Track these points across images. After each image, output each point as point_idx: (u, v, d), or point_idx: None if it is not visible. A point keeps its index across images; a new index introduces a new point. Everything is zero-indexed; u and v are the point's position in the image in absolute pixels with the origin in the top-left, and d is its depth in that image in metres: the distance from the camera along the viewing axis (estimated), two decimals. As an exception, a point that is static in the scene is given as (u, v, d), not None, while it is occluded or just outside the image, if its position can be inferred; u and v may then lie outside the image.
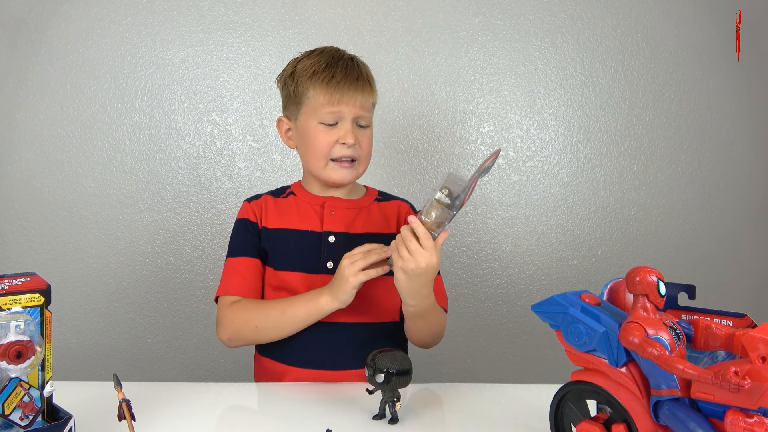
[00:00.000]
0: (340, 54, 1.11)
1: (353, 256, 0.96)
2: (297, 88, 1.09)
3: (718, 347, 0.61)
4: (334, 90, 1.05)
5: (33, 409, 0.68)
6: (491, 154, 0.93)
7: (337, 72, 1.06)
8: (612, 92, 1.75)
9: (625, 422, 0.61)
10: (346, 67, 1.08)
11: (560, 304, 0.66)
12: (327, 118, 1.06)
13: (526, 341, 1.72)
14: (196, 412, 0.84)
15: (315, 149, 1.08)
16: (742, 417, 0.52)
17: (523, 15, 1.71)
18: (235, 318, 1.04)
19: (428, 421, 0.83)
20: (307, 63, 1.09)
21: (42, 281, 0.70)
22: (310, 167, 1.11)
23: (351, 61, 1.11)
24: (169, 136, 1.65)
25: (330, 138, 1.06)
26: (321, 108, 1.06)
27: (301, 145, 1.11)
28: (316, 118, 1.06)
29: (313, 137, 1.07)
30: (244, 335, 1.04)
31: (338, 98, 1.05)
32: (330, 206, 1.11)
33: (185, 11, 1.64)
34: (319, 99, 1.06)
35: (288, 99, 1.12)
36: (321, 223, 1.10)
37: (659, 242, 1.77)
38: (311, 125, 1.07)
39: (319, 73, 1.06)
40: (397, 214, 1.16)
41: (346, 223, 1.11)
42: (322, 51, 1.11)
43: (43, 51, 1.60)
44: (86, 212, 1.62)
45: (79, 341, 1.64)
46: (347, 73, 1.07)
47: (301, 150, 1.13)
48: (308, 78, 1.07)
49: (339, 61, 1.09)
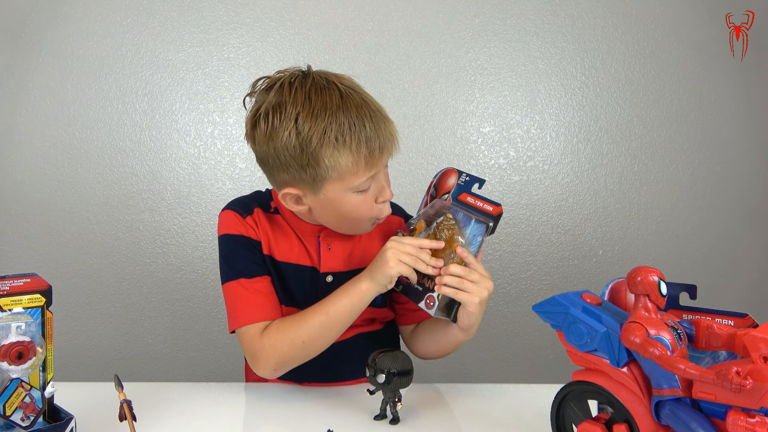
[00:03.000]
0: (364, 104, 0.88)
1: (403, 245, 0.88)
2: (312, 159, 0.86)
3: (719, 347, 0.61)
4: (369, 157, 0.87)
5: (34, 410, 0.68)
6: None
7: (371, 137, 0.87)
8: (613, 92, 1.75)
9: (627, 422, 0.61)
10: (373, 123, 0.88)
11: (561, 304, 0.66)
12: (364, 186, 0.89)
13: (528, 341, 1.72)
14: (197, 413, 0.84)
15: (356, 217, 0.92)
16: (744, 417, 0.52)
17: (524, 15, 1.71)
18: (276, 344, 0.88)
19: (429, 422, 0.83)
20: (320, 125, 0.85)
21: (43, 282, 0.70)
22: (339, 228, 0.96)
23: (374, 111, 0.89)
24: (169, 137, 1.65)
25: (370, 203, 0.91)
26: (354, 178, 0.87)
27: (327, 212, 0.93)
28: (350, 188, 0.88)
29: (350, 207, 0.90)
30: (292, 357, 0.89)
31: (374, 163, 0.88)
32: (326, 239, 0.98)
33: (186, 12, 1.64)
34: (350, 168, 0.86)
35: (299, 171, 0.88)
36: (318, 259, 0.98)
37: (660, 242, 1.77)
38: (344, 196, 0.89)
39: (347, 141, 0.85)
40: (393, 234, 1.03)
41: (343, 258, 0.99)
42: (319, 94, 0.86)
43: (44, 52, 1.61)
44: (87, 213, 1.62)
45: (81, 342, 1.64)
46: (376, 131, 0.87)
47: (324, 215, 0.94)
48: (333, 148, 0.85)
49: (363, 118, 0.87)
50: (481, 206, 0.90)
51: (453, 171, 0.96)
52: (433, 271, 0.87)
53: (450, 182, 0.95)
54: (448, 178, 0.96)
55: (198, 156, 1.66)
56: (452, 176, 0.95)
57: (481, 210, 0.90)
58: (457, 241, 0.88)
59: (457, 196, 0.93)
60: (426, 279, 0.91)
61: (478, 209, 0.90)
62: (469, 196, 0.92)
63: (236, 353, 1.67)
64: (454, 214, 0.91)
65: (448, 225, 0.91)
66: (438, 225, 0.92)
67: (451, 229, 0.90)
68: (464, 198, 0.92)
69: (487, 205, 0.90)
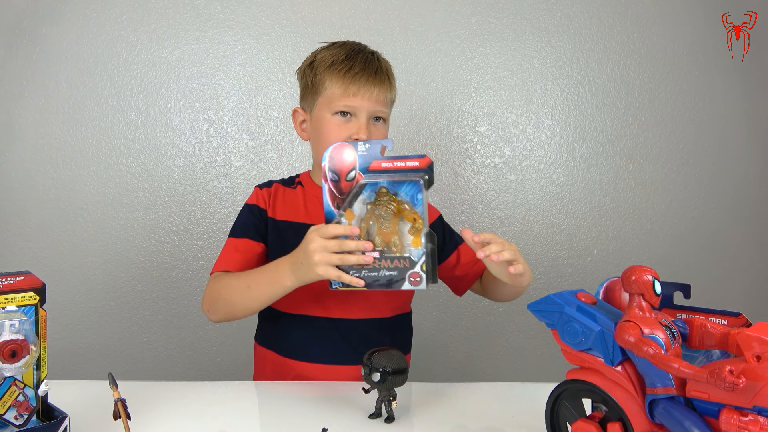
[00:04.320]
0: (361, 47, 1.09)
1: (327, 243, 0.84)
2: (315, 78, 1.06)
3: (713, 346, 0.61)
4: (351, 82, 1.02)
5: (28, 409, 0.68)
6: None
7: (356, 64, 1.04)
8: (608, 92, 1.75)
9: (621, 421, 0.61)
10: (366, 60, 1.06)
11: (556, 303, 0.66)
12: (341, 109, 1.04)
13: (522, 340, 1.72)
14: (192, 411, 0.84)
15: (328, 142, 1.02)
16: (737, 415, 0.52)
17: (520, 14, 1.72)
18: (211, 290, 1.00)
19: (424, 420, 0.83)
20: (327, 54, 1.07)
21: (37, 280, 0.70)
22: (321, 159, 1.09)
23: (372, 55, 1.09)
24: (164, 135, 1.64)
25: (343, 132, 1.03)
26: (337, 100, 1.03)
27: (314, 136, 1.09)
28: (331, 109, 1.04)
29: (326, 129, 1.05)
30: (217, 307, 0.99)
31: (354, 90, 1.02)
32: None
33: (181, 9, 1.63)
34: (335, 90, 1.03)
35: (305, 89, 1.10)
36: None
37: (655, 241, 1.78)
38: (326, 117, 1.05)
39: (338, 64, 1.04)
40: None
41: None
42: (344, 43, 1.09)
43: (38, 49, 1.60)
44: (81, 210, 1.62)
45: (75, 340, 1.63)
46: (366, 65, 1.05)
47: (313, 142, 1.11)
48: (326, 68, 1.05)
49: (359, 54, 1.07)
50: (404, 165, 0.83)
51: (344, 145, 0.86)
52: (366, 260, 0.83)
53: (348, 157, 0.85)
54: (343, 154, 0.86)
55: (193, 154, 1.65)
56: (346, 150, 0.86)
57: (406, 169, 0.83)
58: (406, 209, 0.82)
59: (368, 167, 0.85)
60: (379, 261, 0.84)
61: (402, 170, 0.83)
62: (383, 161, 0.84)
63: (232, 352, 1.67)
64: (379, 184, 0.82)
65: (385, 200, 0.82)
66: (373, 204, 0.83)
67: (393, 201, 0.82)
68: (378, 165, 0.84)
69: (411, 161, 0.83)
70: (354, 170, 0.85)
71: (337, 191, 0.86)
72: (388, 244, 0.83)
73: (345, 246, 0.83)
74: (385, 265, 0.84)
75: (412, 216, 0.82)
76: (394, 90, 1.11)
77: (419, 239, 0.82)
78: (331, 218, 0.86)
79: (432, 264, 0.84)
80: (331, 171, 0.86)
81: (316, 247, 0.84)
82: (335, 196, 0.86)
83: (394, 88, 1.11)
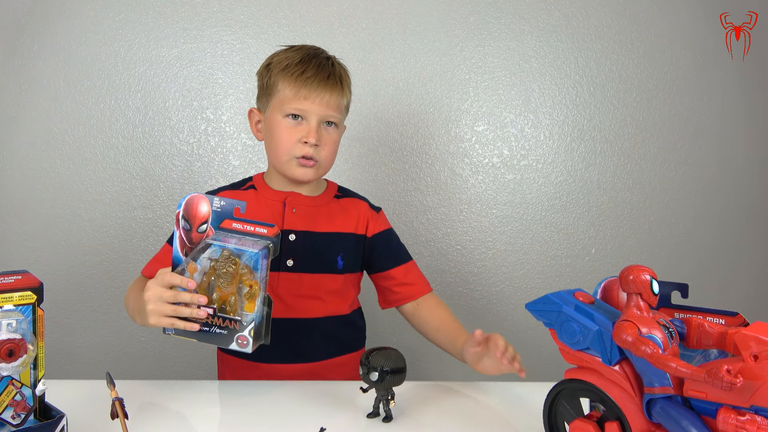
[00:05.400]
0: (317, 52, 1.11)
1: (163, 293, 0.84)
2: (270, 79, 1.08)
3: (710, 345, 0.62)
4: (302, 85, 1.04)
5: (25, 408, 0.68)
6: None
7: (309, 68, 1.06)
8: (606, 91, 1.75)
9: (618, 420, 0.61)
10: (319, 65, 1.07)
11: (554, 302, 0.66)
12: (291, 112, 1.06)
13: (520, 339, 1.72)
14: (189, 411, 0.84)
15: (278, 144, 1.07)
16: (735, 415, 0.52)
17: (518, 14, 1.72)
18: (126, 294, 1.06)
19: (422, 420, 0.83)
20: (283, 56, 1.09)
21: (34, 279, 0.69)
22: (273, 161, 1.11)
23: (327, 60, 1.10)
24: (162, 134, 1.64)
25: (294, 135, 1.06)
26: (288, 102, 1.05)
27: (267, 138, 1.11)
28: (282, 111, 1.06)
29: (277, 132, 1.07)
30: (130, 314, 1.02)
31: (305, 94, 1.04)
32: (291, 203, 1.11)
33: (179, 8, 1.63)
34: (286, 93, 1.05)
35: (261, 90, 1.12)
36: (282, 221, 1.10)
37: (652, 241, 1.78)
38: (277, 119, 1.07)
39: (291, 67, 1.06)
40: (356, 212, 1.17)
41: (306, 221, 1.11)
42: (301, 47, 1.11)
43: (35, 48, 1.59)
44: (79, 210, 1.62)
45: (72, 339, 1.63)
46: (318, 70, 1.06)
47: (266, 143, 1.12)
48: (280, 71, 1.07)
49: (314, 59, 1.08)
50: (253, 230, 0.86)
51: (201, 197, 0.87)
52: (196, 314, 0.84)
53: (202, 210, 0.87)
54: (198, 206, 0.87)
55: (191, 153, 1.65)
56: (202, 202, 0.87)
57: (254, 234, 0.86)
58: (245, 274, 0.84)
59: (219, 224, 0.86)
60: (212, 318, 0.85)
61: (250, 234, 0.86)
62: (234, 222, 0.87)
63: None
64: (224, 246, 0.84)
65: (227, 261, 0.84)
66: (216, 261, 0.84)
67: (234, 264, 0.84)
68: (229, 225, 0.87)
69: (260, 228, 0.86)
70: (206, 224, 0.87)
71: (188, 240, 0.87)
72: (225, 302, 0.85)
73: (180, 297, 0.84)
74: (217, 322, 0.86)
75: (249, 282, 0.84)
76: (348, 96, 1.12)
77: (253, 304, 0.85)
78: (177, 263, 0.87)
79: (266, 326, 0.87)
80: (185, 219, 0.87)
81: (151, 296, 0.85)
82: (185, 244, 0.87)
83: (348, 94, 1.12)
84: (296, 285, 1.09)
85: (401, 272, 1.16)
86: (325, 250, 1.11)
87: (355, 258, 1.15)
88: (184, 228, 0.87)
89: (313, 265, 1.10)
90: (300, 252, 1.09)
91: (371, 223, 1.17)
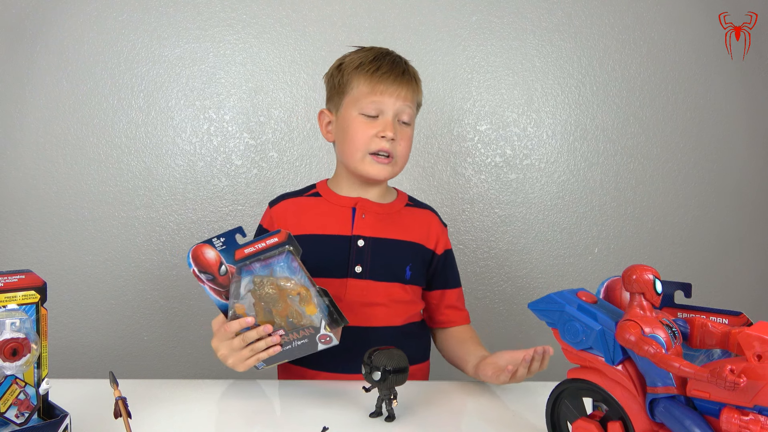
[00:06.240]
0: (389, 51, 1.12)
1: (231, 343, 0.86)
2: (342, 78, 1.08)
3: (713, 345, 0.61)
4: (378, 81, 1.04)
5: (29, 407, 0.68)
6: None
7: (383, 64, 1.06)
8: (609, 90, 1.75)
9: (621, 420, 0.61)
10: (393, 62, 1.08)
11: (557, 302, 0.66)
12: (368, 109, 1.04)
13: (523, 339, 1.72)
14: (192, 410, 0.84)
15: (354, 140, 1.05)
16: (738, 415, 0.52)
17: (521, 13, 1.71)
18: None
19: (424, 419, 0.83)
20: (355, 57, 1.09)
21: (38, 278, 0.70)
22: (346, 160, 1.08)
23: (399, 58, 1.11)
24: (165, 133, 1.64)
25: (370, 130, 1.04)
26: (363, 98, 1.04)
27: (340, 137, 1.09)
28: (358, 108, 1.05)
29: (353, 128, 1.05)
30: None
31: (382, 89, 1.04)
32: (361, 209, 1.09)
33: (182, 8, 1.63)
34: (362, 89, 1.05)
35: (332, 90, 1.11)
36: (351, 226, 1.07)
37: (656, 240, 1.78)
38: (352, 116, 1.06)
39: (365, 65, 1.06)
40: (427, 225, 1.14)
41: (376, 227, 1.08)
42: (371, 48, 1.12)
43: (39, 48, 1.60)
44: (82, 209, 1.62)
45: (75, 339, 1.63)
46: (393, 66, 1.06)
47: (339, 142, 1.10)
48: (354, 69, 1.07)
49: (386, 56, 1.09)
50: (266, 245, 0.86)
51: (201, 247, 0.87)
52: (271, 341, 0.85)
53: (210, 256, 0.87)
54: (205, 255, 0.87)
55: (194, 153, 1.65)
56: (206, 250, 0.87)
57: (268, 248, 0.86)
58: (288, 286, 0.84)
59: (234, 257, 0.86)
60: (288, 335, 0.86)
61: (265, 249, 0.86)
62: (245, 248, 0.86)
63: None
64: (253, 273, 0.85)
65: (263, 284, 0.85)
66: (252, 292, 0.85)
67: (271, 285, 0.85)
68: (243, 253, 0.87)
69: (270, 239, 0.86)
70: (223, 264, 0.87)
71: (219, 287, 0.88)
72: (289, 317, 0.86)
73: (248, 338, 0.85)
74: (294, 337, 0.86)
75: (296, 290, 0.85)
76: (420, 95, 1.12)
77: (312, 305, 0.85)
78: (225, 309, 0.88)
79: (336, 311, 0.86)
80: (203, 273, 0.87)
81: (225, 354, 0.88)
82: (219, 292, 0.88)
83: (420, 93, 1.12)
84: (364, 292, 1.06)
85: (455, 295, 1.16)
86: (394, 258, 1.08)
87: (422, 271, 1.12)
88: (208, 279, 0.87)
89: (382, 273, 1.07)
90: (368, 259, 1.06)
91: (441, 240, 1.15)
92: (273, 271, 0.84)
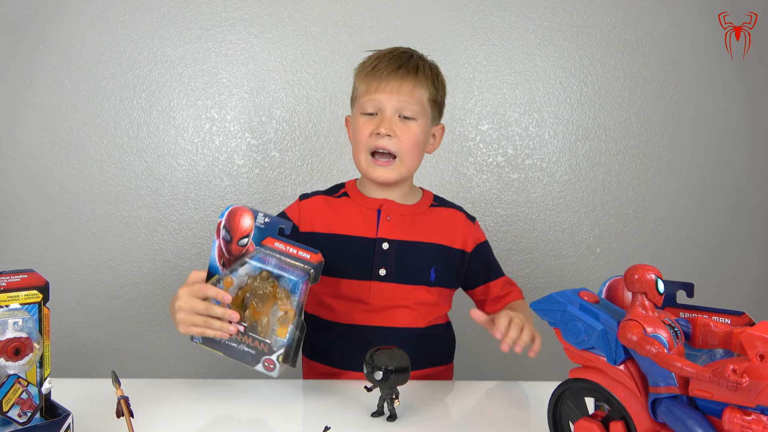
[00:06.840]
0: (397, 49, 1.09)
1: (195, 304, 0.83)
2: (353, 83, 1.10)
3: (716, 345, 0.61)
4: (373, 78, 1.03)
5: (31, 406, 0.68)
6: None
7: (381, 63, 1.05)
8: (611, 90, 1.75)
9: (623, 420, 0.61)
10: (392, 58, 1.05)
11: (559, 301, 0.66)
12: (367, 107, 1.04)
13: (525, 339, 1.72)
14: (195, 410, 0.84)
15: (356, 140, 1.06)
16: (740, 415, 0.52)
17: (522, 13, 1.71)
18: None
19: (426, 419, 0.83)
20: (365, 59, 1.10)
21: (40, 278, 0.70)
22: (356, 164, 1.09)
23: (403, 54, 1.07)
24: (167, 133, 1.64)
25: (367, 129, 1.03)
26: (362, 97, 1.05)
27: (353, 138, 1.10)
28: (359, 108, 1.06)
29: (356, 129, 1.06)
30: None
31: (375, 86, 1.03)
32: (386, 211, 1.08)
33: (184, 8, 1.63)
34: (361, 89, 1.06)
35: (351, 96, 1.13)
36: (376, 229, 1.07)
37: (658, 240, 1.77)
38: (356, 116, 1.07)
39: (366, 65, 1.07)
40: (452, 225, 1.13)
41: (401, 230, 1.07)
42: (386, 49, 1.11)
43: (41, 48, 1.60)
44: (84, 209, 1.62)
45: (78, 338, 1.63)
46: (390, 62, 1.04)
47: (352, 141, 1.11)
48: (357, 72, 1.09)
49: (388, 54, 1.07)
50: (296, 253, 0.83)
51: (244, 210, 0.85)
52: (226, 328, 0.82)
53: (245, 224, 0.85)
54: (241, 219, 0.84)
55: (196, 152, 1.65)
56: (246, 216, 0.84)
57: (297, 257, 0.83)
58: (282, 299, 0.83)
59: (261, 240, 0.84)
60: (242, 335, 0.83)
61: (293, 256, 0.84)
62: (277, 242, 0.84)
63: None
64: (264, 266, 0.83)
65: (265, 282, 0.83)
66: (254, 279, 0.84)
67: (272, 286, 0.83)
68: (271, 243, 0.84)
69: (303, 252, 0.83)
70: (248, 238, 0.85)
71: (227, 251, 0.85)
72: (257, 322, 0.84)
73: (212, 311, 0.83)
74: (247, 341, 0.85)
75: (285, 307, 0.83)
76: (431, 89, 1.07)
77: (286, 329, 0.83)
78: (213, 273, 0.86)
79: (295, 350, 0.85)
80: (225, 230, 0.85)
81: (182, 305, 0.84)
82: (223, 255, 0.85)
83: (431, 87, 1.07)
84: (388, 295, 1.05)
85: (499, 285, 1.15)
86: (419, 261, 1.07)
87: (449, 273, 1.10)
88: (224, 239, 0.85)
89: (407, 276, 1.05)
90: (392, 262, 1.05)
91: (470, 237, 1.13)
92: (282, 278, 0.83)
